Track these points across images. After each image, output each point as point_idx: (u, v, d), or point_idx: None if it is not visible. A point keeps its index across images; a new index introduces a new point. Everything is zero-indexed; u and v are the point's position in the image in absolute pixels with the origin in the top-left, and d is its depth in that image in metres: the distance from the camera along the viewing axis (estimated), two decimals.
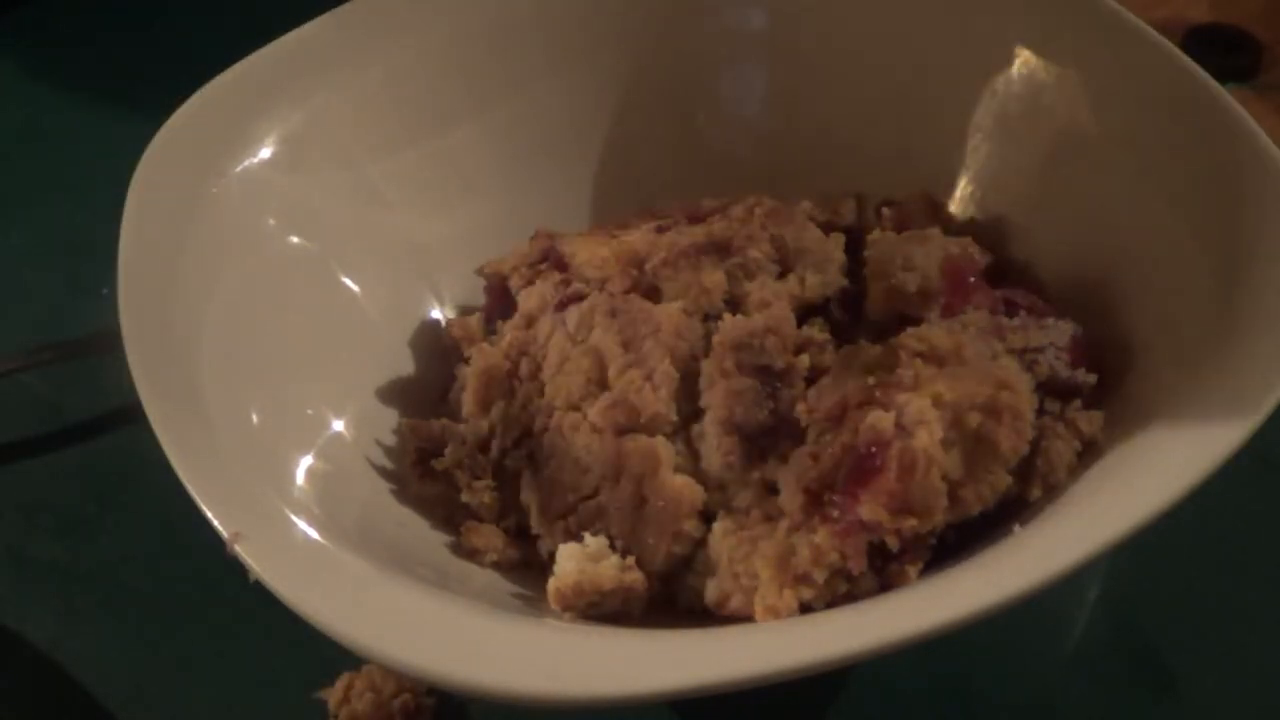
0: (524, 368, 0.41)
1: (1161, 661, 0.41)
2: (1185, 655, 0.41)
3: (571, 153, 0.49)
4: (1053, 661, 0.41)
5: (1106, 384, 0.38)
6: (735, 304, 0.40)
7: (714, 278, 0.40)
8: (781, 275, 0.41)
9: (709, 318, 0.39)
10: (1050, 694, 0.41)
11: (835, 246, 0.42)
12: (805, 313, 0.40)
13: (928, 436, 0.34)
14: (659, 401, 0.38)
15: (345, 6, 0.46)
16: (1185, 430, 0.33)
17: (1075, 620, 0.42)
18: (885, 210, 0.45)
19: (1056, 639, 0.42)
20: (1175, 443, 0.33)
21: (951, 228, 0.44)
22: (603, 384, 0.39)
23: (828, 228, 0.43)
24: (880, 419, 0.34)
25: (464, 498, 0.40)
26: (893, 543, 0.33)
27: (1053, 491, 0.35)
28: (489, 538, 0.39)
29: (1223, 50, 0.63)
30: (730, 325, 0.38)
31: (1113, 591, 0.43)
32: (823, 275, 0.41)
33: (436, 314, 0.46)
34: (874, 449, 0.34)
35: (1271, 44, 0.64)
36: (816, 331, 0.39)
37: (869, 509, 0.33)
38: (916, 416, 0.34)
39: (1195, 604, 0.43)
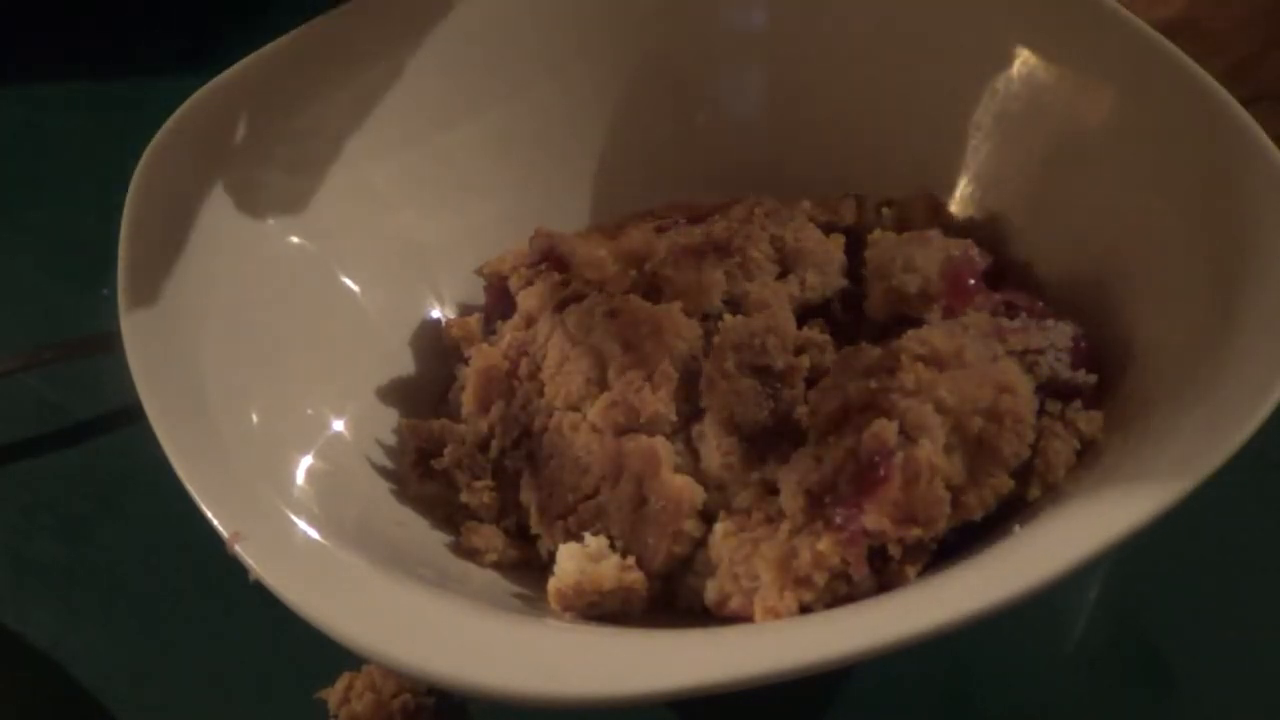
0: (524, 368, 0.41)
1: (1162, 661, 0.41)
2: (1185, 655, 0.41)
3: (571, 153, 0.49)
4: (1053, 661, 0.41)
5: (1106, 384, 0.38)
6: (735, 304, 0.40)
7: (714, 278, 0.40)
8: (781, 275, 0.41)
9: (709, 318, 0.39)
10: (1050, 694, 0.41)
11: (835, 247, 0.42)
12: (805, 313, 0.40)
13: (930, 444, 0.34)
14: (659, 401, 0.38)
15: (345, 7, 0.46)
16: (1185, 430, 0.33)
17: (1075, 620, 0.42)
18: (885, 210, 0.45)
19: (1056, 639, 0.42)
20: (1175, 443, 0.33)
21: (951, 228, 0.44)
22: (603, 384, 0.39)
23: (828, 228, 0.43)
24: (883, 427, 0.34)
25: (463, 498, 0.40)
26: (895, 551, 0.33)
27: (1052, 491, 0.35)
28: (489, 538, 0.39)
29: None
30: (730, 325, 0.38)
31: (1113, 591, 0.43)
32: (823, 276, 0.41)
33: (436, 314, 0.46)
34: (877, 458, 0.34)
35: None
36: (817, 332, 0.39)
37: (873, 518, 0.33)
38: (919, 423, 0.34)
39: (1195, 604, 0.43)
